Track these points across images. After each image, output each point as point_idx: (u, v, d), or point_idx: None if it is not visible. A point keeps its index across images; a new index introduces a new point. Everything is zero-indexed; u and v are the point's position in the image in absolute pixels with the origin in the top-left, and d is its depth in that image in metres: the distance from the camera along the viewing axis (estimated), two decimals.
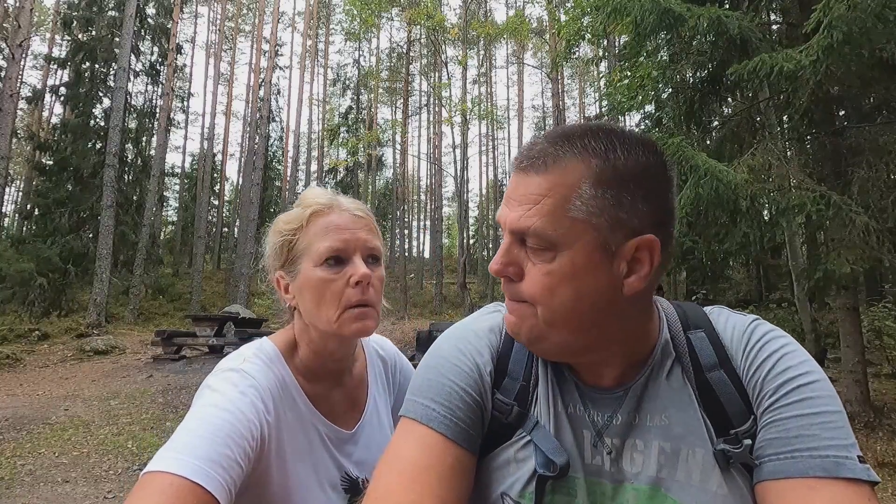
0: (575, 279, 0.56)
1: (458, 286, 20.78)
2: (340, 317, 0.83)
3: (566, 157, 0.57)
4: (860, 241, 4.86)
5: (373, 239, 0.88)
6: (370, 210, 0.94)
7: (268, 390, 0.79)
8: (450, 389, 0.64)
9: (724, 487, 0.56)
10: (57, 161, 16.37)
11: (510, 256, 0.60)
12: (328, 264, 0.84)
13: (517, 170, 0.60)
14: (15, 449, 4.95)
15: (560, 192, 0.56)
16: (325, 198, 0.89)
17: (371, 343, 1.05)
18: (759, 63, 4.73)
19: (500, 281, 0.64)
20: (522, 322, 0.61)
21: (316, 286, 0.84)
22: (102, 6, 18.13)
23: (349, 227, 0.86)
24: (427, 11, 17.12)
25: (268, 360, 0.84)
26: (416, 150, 32.77)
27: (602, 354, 0.62)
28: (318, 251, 0.84)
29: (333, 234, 0.84)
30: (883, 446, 4.82)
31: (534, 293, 0.58)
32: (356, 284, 0.83)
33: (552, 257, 0.57)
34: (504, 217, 0.61)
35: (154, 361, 9.84)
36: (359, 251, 0.85)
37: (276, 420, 0.80)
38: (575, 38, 11.47)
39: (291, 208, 0.92)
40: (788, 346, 0.60)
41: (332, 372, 0.91)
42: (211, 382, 0.78)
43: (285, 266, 0.88)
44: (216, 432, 0.68)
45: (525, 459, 0.62)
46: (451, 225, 36.71)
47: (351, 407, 0.94)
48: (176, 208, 31.16)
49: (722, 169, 4.85)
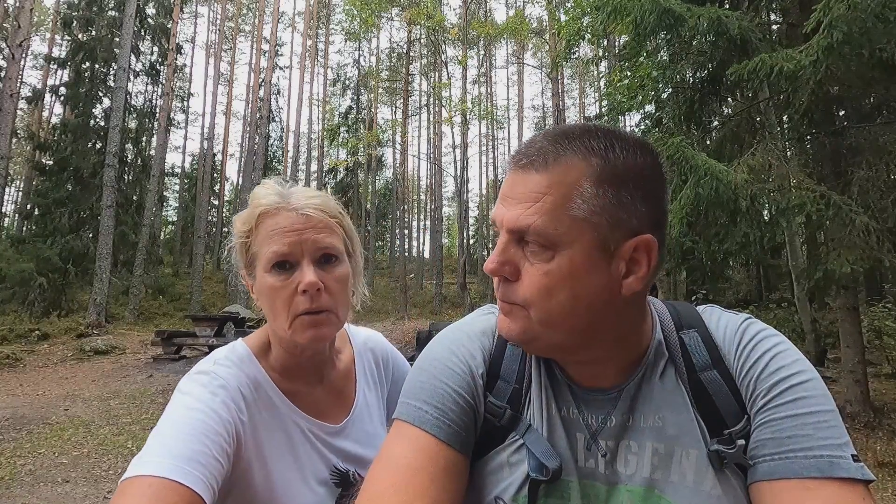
0: (573, 279, 0.56)
1: (458, 286, 20.79)
2: (292, 325, 0.80)
3: (567, 155, 0.56)
4: (860, 241, 4.86)
5: (325, 237, 0.82)
6: (332, 201, 0.87)
7: (238, 391, 0.78)
8: (442, 392, 0.64)
9: (718, 488, 0.56)
10: (57, 161, 16.38)
11: (506, 256, 0.59)
12: (275, 270, 0.80)
13: (515, 167, 0.59)
14: (15, 449, 4.96)
15: (561, 190, 0.55)
16: (272, 196, 0.83)
17: (360, 335, 1.03)
18: (759, 63, 4.73)
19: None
20: (515, 324, 0.60)
21: (267, 294, 0.81)
22: (102, 6, 18.14)
23: (296, 228, 0.81)
24: (427, 11, 17.12)
25: (238, 360, 0.83)
26: (416, 150, 32.78)
27: (596, 353, 0.62)
28: (265, 256, 0.80)
29: (278, 238, 0.80)
30: (883, 446, 4.82)
31: (530, 294, 0.57)
32: (303, 292, 0.79)
33: (551, 257, 0.56)
34: (500, 216, 0.59)
35: (154, 361, 9.84)
36: (307, 255, 0.81)
37: (250, 420, 0.79)
38: (575, 38, 11.45)
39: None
40: (781, 346, 0.60)
41: (309, 369, 0.89)
42: (181, 386, 0.77)
43: (247, 267, 0.86)
44: (190, 431, 0.68)
45: (518, 463, 0.62)
46: (451, 225, 36.72)
47: (337, 401, 0.92)
48: (176, 208, 31.22)
49: (722, 169, 4.84)
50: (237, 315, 11.20)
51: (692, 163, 4.94)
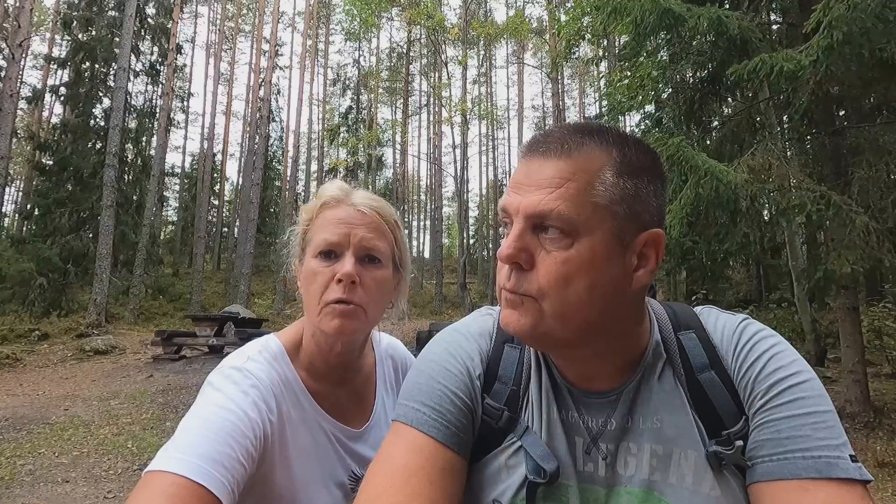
0: (592, 268, 0.55)
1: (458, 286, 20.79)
2: (321, 311, 0.82)
3: (589, 144, 0.57)
4: (860, 241, 4.86)
5: (374, 239, 0.85)
6: (391, 209, 0.91)
7: (270, 389, 0.79)
8: (440, 393, 0.64)
9: (717, 489, 0.56)
10: (57, 161, 16.36)
11: (523, 242, 0.57)
12: (321, 257, 0.84)
13: (533, 154, 0.59)
14: (15, 449, 4.95)
15: (585, 177, 0.56)
16: (337, 191, 0.88)
17: (383, 342, 1.04)
18: (759, 63, 4.73)
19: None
20: (525, 318, 0.57)
21: (307, 277, 0.84)
22: (102, 6, 18.13)
23: (350, 221, 0.84)
24: (427, 11, 17.13)
25: (271, 357, 0.84)
26: (416, 150, 32.80)
27: (597, 348, 0.61)
28: (316, 242, 0.85)
29: (332, 228, 0.84)
30: (883, 446, 4.82)
31: (546, 283, 0.55)
32: (338, 282, 0.82)
33: (570, 244, 0.55)
34: (515, 203, 0.58)
35: (154, 361, 9.84)
36: (352, 248, 0.83)
37: (279, 419, 0.79)
38: (575, 38, 11.47)
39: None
40: (778, 346, 0.60)
41: (336, 369, 0.89)
42: (214, 380, 0.77)
43: (300, 255, 0.90)
44: (218, 432, 0.68)
45: (516, 466, 0.62)
46: (451, 225, 36.69)
47: (358, 405, 0.93)
48: (176, 208, 31.18)
49: (722, 169, 4.84)
50: (237, 315, 11.19)
51: (692, 163, 4.94)
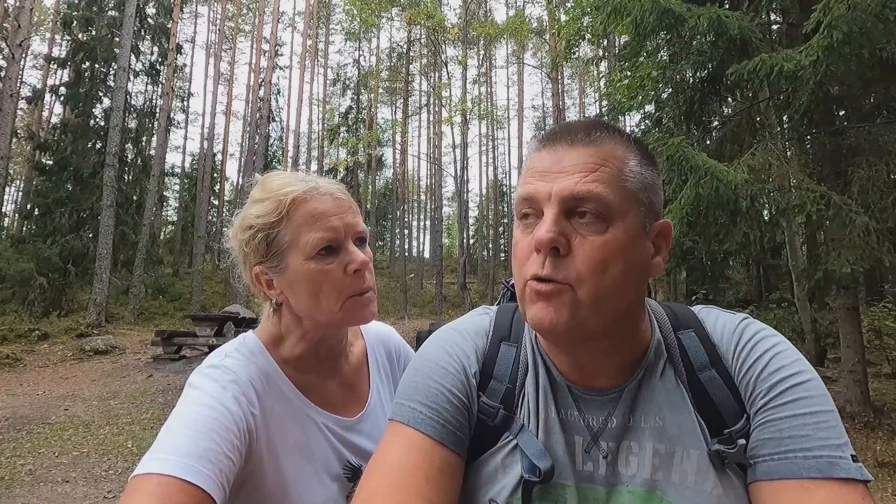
0: (627, 252, 0.56)
1: (458, 286, 20.79)
2: (343, 306, 0.80)
3: (612, 135, 0.59)
4: (860, 241, 4.86)
5: (359, 221, 0.85)
6: (345, 187, 0.90)
7: (249, 384, 0.78)
8: (436, 391, 0.64)
9: (719, 488, 0.56)
10: (57, 161, 16.35)
11: (560, 226, 0.56)
12: (321, 255, 0.80)
13: (558, 143, 0.59)
14: (15, 449, 4.95)
15: (615, 163, 0.57)
16: (300, 184, 0.82)
17: (371, 329, 1.03)
18: (759, 63, 4.73)
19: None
20: (562, 309, 0.55)
21: (312, 279, 0.80)
22: (102, 6, 18.11)
23: (335, 212, 0.82)
24: (427, 11, 17.13)
25: (249, 353, 0.82)
26: (416, 150, 32.76)
27: (610, 343, 0.61)
28: (308, 243, 0.79)
29: (322, 223, 0.80)
30: (883, 446, 4.82)
31: (585, 268, 0.55)
32: (355, 272, 0.80)
33: (605, 228, 0.55)
34: (545, 189, 0.57)
35: (154, 361, 9.84)
36: (349, 236, 0.82)
37: (262, 413, 0.78)
38: (575, 38, 11.46)
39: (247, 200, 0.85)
40: (780, 346, 0.60)
41: (324, 360, 0.88)
42: (193, 380, 0.77)
43: (267, 261, 0.82)
44: (201, 428, 0.68)
45: (512, 465, 0.62)
46: (451, 225, 36.69)
47: (350, 395, 0.91)
48: (176, 208, 31.17)
49: (722, 169, 4.84)
50: (237, 315, 11.17)
51: (692, 163, 4.94)
